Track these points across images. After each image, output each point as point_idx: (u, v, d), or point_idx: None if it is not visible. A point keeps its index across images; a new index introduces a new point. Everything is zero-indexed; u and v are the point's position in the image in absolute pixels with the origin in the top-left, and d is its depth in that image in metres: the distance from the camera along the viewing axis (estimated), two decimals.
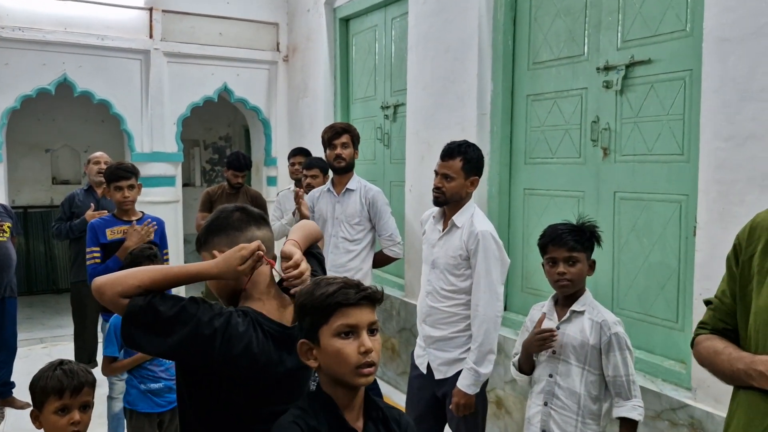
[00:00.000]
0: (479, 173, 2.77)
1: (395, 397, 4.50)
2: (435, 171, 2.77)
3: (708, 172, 2.59)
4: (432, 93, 4.32)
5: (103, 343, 2.99)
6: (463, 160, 2.69)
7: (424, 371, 2.85)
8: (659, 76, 2.96)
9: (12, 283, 4.34)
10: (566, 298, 2.32)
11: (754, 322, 1.45)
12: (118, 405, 3.47)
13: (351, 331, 1.34)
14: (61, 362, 1.98)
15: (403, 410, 2.98)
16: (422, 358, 2.88)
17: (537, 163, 3.71)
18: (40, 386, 1.92)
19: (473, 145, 2.77)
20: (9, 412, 4.39)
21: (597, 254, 2.35)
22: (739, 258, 1.53)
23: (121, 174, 3.51)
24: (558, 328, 2.29)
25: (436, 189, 2.74)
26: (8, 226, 4.25)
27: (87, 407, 1.94)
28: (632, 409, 2.17)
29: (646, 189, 3.04)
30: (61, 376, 1.90)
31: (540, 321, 2.33)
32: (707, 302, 1.68)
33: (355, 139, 3.85)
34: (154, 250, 2.99)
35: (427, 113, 4.38)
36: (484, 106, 3.88)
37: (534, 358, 2.37)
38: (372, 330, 1.37)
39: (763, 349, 1.42)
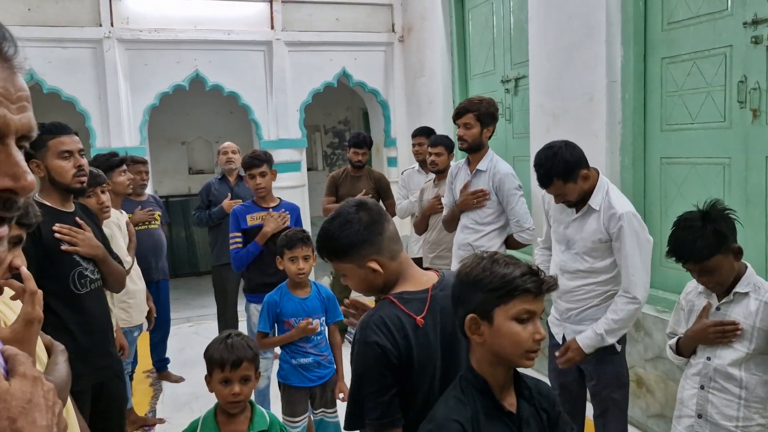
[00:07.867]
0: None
1: None
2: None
3: None
4: (556, 63, 4.16)
5: (258, 320, 3.16)
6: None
7: (560, 342, 2.87)
8: None
9: (165, 267, 4.69)
10: None
11: None
12: (263, 382, 3.67)
13: (529, 318, 1.34)
14: (228, 335, 2.10)
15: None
16: (558, 328, 2.91)
17: (675, 129, 3.48)
18: (207, 357, 2.08)
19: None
20: (165, 385, 4.79)
21: (752, 225, 2.18)
22: None
23: (252, 162, 3.67)
24: (719, 309, 2.14)
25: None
26: (158, 215, 4.60)
27: (247, 380, 2.05)
28: None
29: None
30: (222, 350, 2.04)
31: (705, 310, 2.18)
32: None
33: (482, 117, 3.58)
34: (307, 233, 3.12)
35: (551, 84, 4.23)
36: (614, 72, 3.69)
37: None
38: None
39: None
